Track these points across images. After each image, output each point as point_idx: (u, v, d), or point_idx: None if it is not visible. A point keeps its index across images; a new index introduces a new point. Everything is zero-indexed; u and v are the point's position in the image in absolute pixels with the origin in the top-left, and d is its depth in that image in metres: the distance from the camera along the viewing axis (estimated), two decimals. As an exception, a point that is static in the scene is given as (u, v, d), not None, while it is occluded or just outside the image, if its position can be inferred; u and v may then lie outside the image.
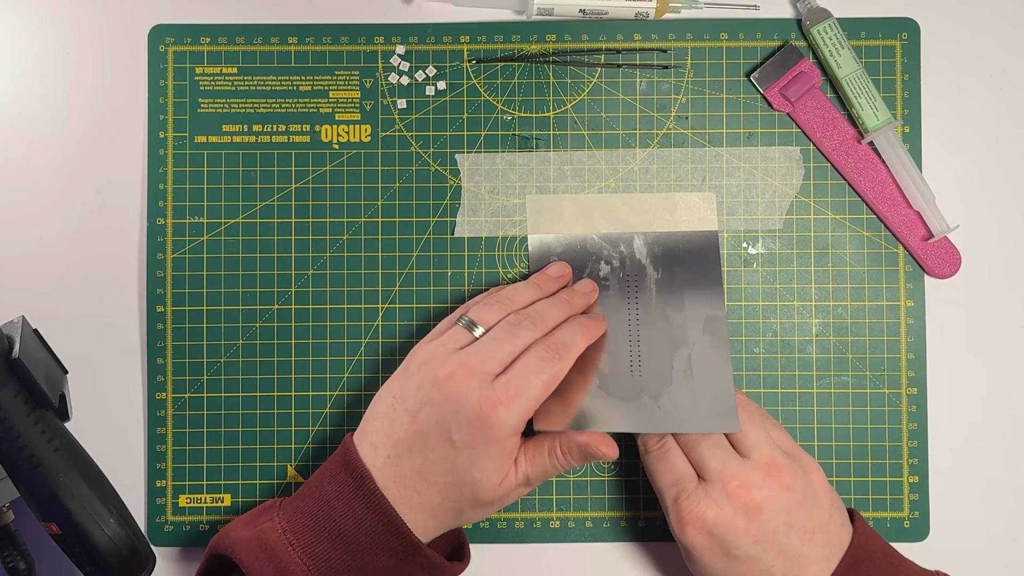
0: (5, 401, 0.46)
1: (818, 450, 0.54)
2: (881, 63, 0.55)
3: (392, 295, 0.55)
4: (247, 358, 0.55)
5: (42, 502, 0.47)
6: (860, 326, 0.55)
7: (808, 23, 0.55)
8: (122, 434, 0.55)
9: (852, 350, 0.55)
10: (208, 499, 0.55)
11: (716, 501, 0.47)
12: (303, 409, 0.55)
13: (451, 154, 0.55)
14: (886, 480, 0.54)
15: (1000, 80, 0.56)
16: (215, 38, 0.55)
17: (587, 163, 0.55)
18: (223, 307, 0.55)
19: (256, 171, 0.55)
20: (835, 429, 0.54)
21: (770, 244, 0.55)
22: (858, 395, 0.55)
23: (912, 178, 0.54)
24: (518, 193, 0.55)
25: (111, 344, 0.55)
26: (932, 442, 0.55)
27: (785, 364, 0.55)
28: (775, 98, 0.55)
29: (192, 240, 0.55)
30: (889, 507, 0.54)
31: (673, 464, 0.49)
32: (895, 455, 0.54)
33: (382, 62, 0.55)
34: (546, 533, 0.55)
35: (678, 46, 0.55)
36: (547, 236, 0.55)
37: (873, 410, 0.54)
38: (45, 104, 0.56)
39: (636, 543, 0.55)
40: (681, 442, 0.50)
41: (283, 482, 0.55)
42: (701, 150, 0.55)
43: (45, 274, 0.55)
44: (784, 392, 0.54)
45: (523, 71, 0.55)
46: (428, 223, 0.55)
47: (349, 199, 0.55)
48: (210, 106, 0.55)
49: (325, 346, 0.55)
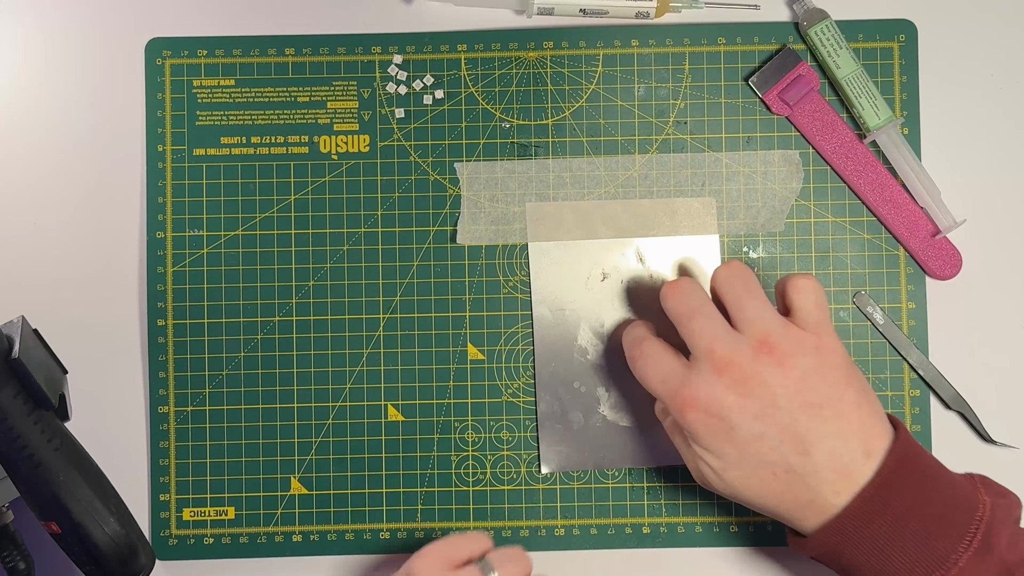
0: (5, 401, 0.46)
1: (822, 454, 0.54)
2: (879, 65, 0.55)
3: (393, 305, 0.55)
4: (249, 370, 0.55)
5: (42, 502, 0.47)
6: (862, 328, 0.55)
7: (805, 24, 0.55)
8: (122, 435, 0.55)
9: (854, 352, 0.55)
10: (212, 512, 0.55)
11: (706, 380, 0.45)
12: (306, 421, 0.55)
13: (450, 163, 0.55)
14: (890, 483, 0.54)
15: (1000, 80, 0.56)
16: (212, 50, 0.55)
17: (586, 170, 0.55)
18: (224, 320, 0.55)
19: (255, 183, 0.55)
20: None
21: (771, 248, 0.55)
22: (861, 398, 0.54)
23: (917, 175, 0.54)
24: (518, 201, 0.55)
25: (111, 345, 0.55)
26: (935, 444, 0.54)
27: (788, 368, 0.55)
28: (774, 102, 0.55)
29: (192, 253, 0.55)
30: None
31: (658, 363, 0.47)
32: (899, 458, 0.54)
33: (379, 72, 0.55)
34: (551, 541, 0.55)
35: (676, 51, 0.55)
36: (547, 243, 0.55)
37: (876, 413, 0.54)
38: (42, 118, 0.56)
39: (643, 549, 0.55)
40: (673, 321, 0.48)
41: (287, 494, 0.55)
42: (700, 155, 0.55)
43: (45, 274, 0.56)
44: (787, 396, 0.54)
45: (521, 79, 0.55)
46: (428, 232, 0.55)
47: (348, 209, 0.55)
48: (208, 118, 0.55)
49: (327, 357, 0.55)
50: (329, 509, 0.55)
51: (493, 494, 0.55)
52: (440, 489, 0.55)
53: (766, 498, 0.46)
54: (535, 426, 0.55)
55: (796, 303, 0.46)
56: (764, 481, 0.45)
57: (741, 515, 0.54)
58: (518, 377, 0.55)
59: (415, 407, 0.55)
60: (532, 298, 0.55)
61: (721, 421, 0.45)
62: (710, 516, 0.55)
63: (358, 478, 0.55)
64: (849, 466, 0.44)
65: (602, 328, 0.54)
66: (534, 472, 0.55)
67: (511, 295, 0.55)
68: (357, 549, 0.55)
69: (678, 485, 0.55)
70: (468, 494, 0.55)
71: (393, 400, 0.55)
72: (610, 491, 0.55)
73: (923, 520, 0.43)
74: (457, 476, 0.55)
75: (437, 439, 0.55)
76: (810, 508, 0.45)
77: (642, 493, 0.55)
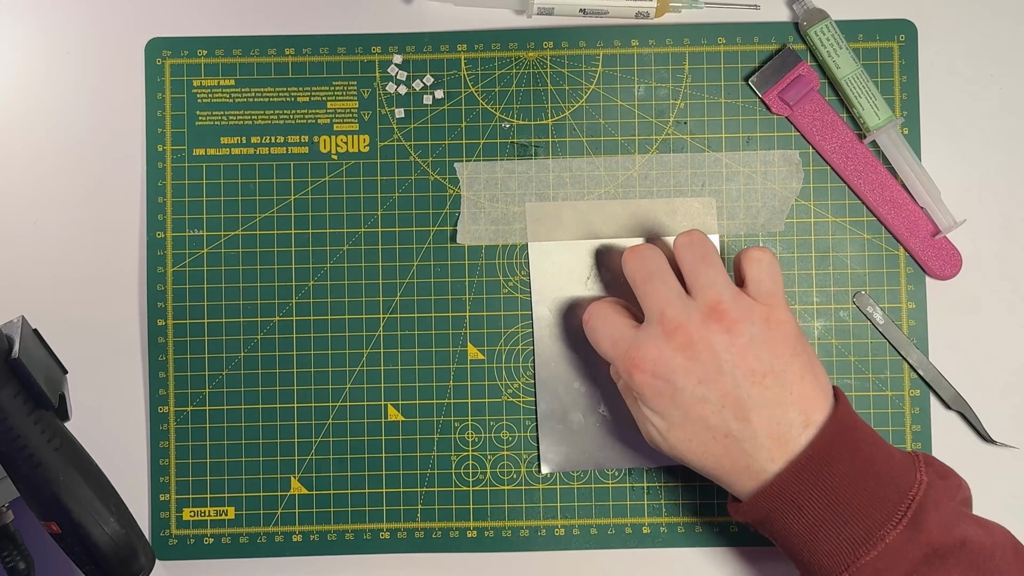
0: (5, 401, 0.46)
1: (822, 454, 0.54)
2: (879, 65, 0.55)
3: (393, 305, 0.55)
4: (249, 370, 0.55)
5: (42, 501, 0.47)
6: (862, 328, 0.55)
7: (805, 24, 0.55)
8: (122, 435, 0.55)
9: (854, 352, 0.55)
10: (212, 512, 0.55)
11: (655, 342, 0.46)
12: (306, 421, 0.55)
13: (450, 163, 0.55)
14: (890, 483, 0.54)
15: (1000, 80, 0.56)
16: (212, 50, 0.55)
17: (586, 170, 0.55)
18: (224, 320, 0.55)
19: (255, 183, 0.55)
20: (839, 432, 0.54)
21: (771, 248, 0.55)
22: (861, 398, 0.54)
23: (917, 174, 0.54)
24: (518, 201, 0.55)
25: (111, 345, 0.55)
26: (935, 444, 0.55)
27: (787, 368, 0.55)
28: (774, 102, 0.55)
29: (192, 253, 0.55)
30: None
31: (609, 325, 0.49)
32: (899, 457, 0.54)
33: (379, 72, 0.55)
34: (551, 541, 0.55)
35: (676, 51, 0.55)
36: (547, 243, 0.55)
37: (876, 412, 0.54)
38: (42, 118, 0.56)
39: (643, 549, 0.55)
40: (630, 284, 0.49)
41: (287, 494, 0.55)
42: (700, 155, 0.55)
43: (45, 274, 0.56)
44: (787, 396, 0.54)
45: (521, 79, 0.55)
46: (428, 232, 0.55)
47: (348, 209, 0.55)
48: (208, 119, 0.55)
49: (327, 357, 0.55)
50: (329, 509, 0.55)
51: (493, 494, 0.55)
52: (440, 489, 0.55)
53: (706, 461, 0.47)
54: (535, 426, 0.55)
55: (750, 274, 0.47)
56: (705, 444, 0.46)
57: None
58: (518, 377, 0.55)
59: (415, 407, 0.55)
60: (532, 298, 0.55)
61: (667, 383, 0.46)
62: (710, 516, 0.55)
63: (358, 478, 0.55)
64: (786, 434, 0.45)
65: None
66: (534, 472, 0.55)
67: (511, 295, 0.55)
68: (357, 549, 0.55)
69: (678, 485, 0.55)
70: (468, 494, 0.55)
71: (393, 400, 0.55)
72: (610, 491, 0.55)
73: (854, 494, 0.44)
74: (457, 476, 0.55)
75: (437, 439, 0.55)
76: (746, 473, 0.46)
77: (642, 493, 0.55)
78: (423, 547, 0.55)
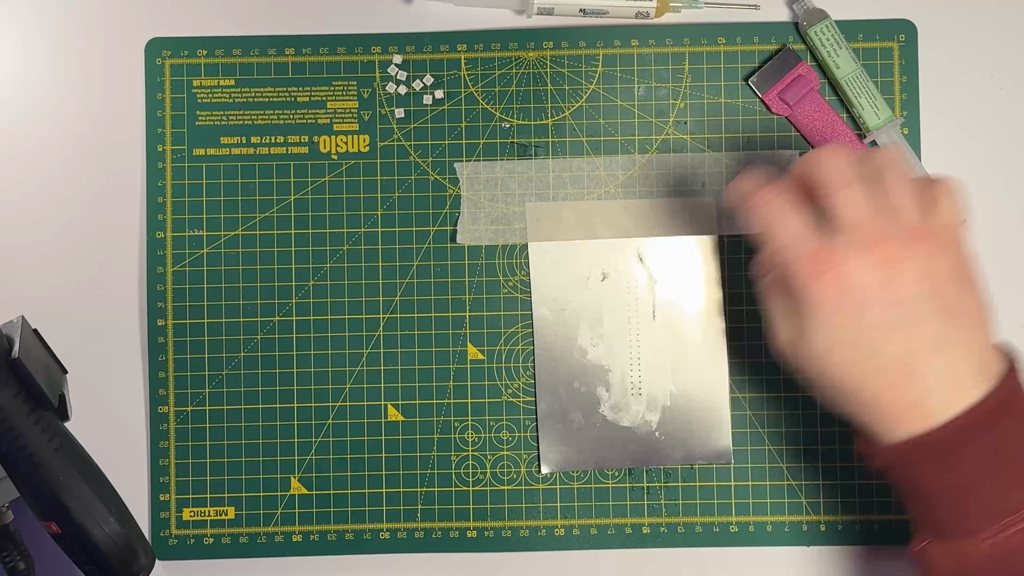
0: (5, 401, 0.46)
1: (823, 455, 0.54)
2: (879, 65, 0.55)
3: (393, 305, 0.55)
4: (249, 370, 0.55)
5: (42, 501, 0.46)
6: (862, 329, 0.55)
7: (805, 24, 0.55)
8: (122, 435, 0.55)
9: (854, 353, 0.55)
10: (212, 512, 0.55)
11: (851, 252, 0.41)
12: (306, 421, 0.55)
13: (450, 163, 0.55)
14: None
15: (1000, 80, 0.56)
16: (212, 50, 0.55)
17: (586, 170, 0.55)
18: (224, 320, 0.55)
19: (255, 183, 0.55)
20: (839, 433, 0.54)
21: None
22: (861, 398, 0.54)
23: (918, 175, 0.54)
24: (518, 201, 0.55)
25: (111, 345, 0.55)
26: (936, 444, 0.55)
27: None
28: (774, 102, 0.55)
29: (192, 253, 0.55)
30: (893, 511, 0.54)
31: (789, 219, 0.43)
32: (899, 458, 0.54)
33: (379, 72, 0.55)
34: (551, 541, 0.55)
35: (676, 51, 0.55)
36: (547, 243, 0.55)
37: (876, 413, 0.54)
38: (43, 118, 0.56)
39: (643, 549, 0.55)
40: (814, 188, 0.43)
41: (287, 494, 0.55)
42: (700, 155, 0.55)
43: (45, 274, 0.56)
44: (787, 397, 0.54)
45: (521, 79, 0.55)
46: (428, 232, 0.55)
47: (348, 209, 0.55)
48: (208, 119, 0.55)
49: (327, 357, 0.55)
50: (329, 509, 0.55)
51: (493, 494, 0.55)
52: (440, 489, 0.55)
53: (864, 389, 0.42)
54: (535, 426, 0.55)
55: (906, 204, 0.43)
56: (871, 371, 0.42)
57: (741, 515, 0.55)
58: (518, 377, 0.55)
59: (415, 407, 0.55)
60: (532, 298, 0.55)
61: (857, 301, 0.41)
62: (710, 516, 0.55)
63: (358, 478, 0.55)
64: (965, 380, 0.42)
65: (602, 328, 0.54)
66: (534, 472, 0.55)
67: (511, 295, 0.55)
68: (357, 549, 0.55)
69: (678, 485, 0.55)
70: (468, 494, 0.55)
71: (393, 400, 0.55)
72: (610, 491, 0.55)
73: (1018, 460, 0.41)
74: (457, 476, 0.55)
75: (437, 439, 0.55)
76: (910, 413, 0.42)
77: (642, 493, 0.55)
78: (423, 547, 0.55)
